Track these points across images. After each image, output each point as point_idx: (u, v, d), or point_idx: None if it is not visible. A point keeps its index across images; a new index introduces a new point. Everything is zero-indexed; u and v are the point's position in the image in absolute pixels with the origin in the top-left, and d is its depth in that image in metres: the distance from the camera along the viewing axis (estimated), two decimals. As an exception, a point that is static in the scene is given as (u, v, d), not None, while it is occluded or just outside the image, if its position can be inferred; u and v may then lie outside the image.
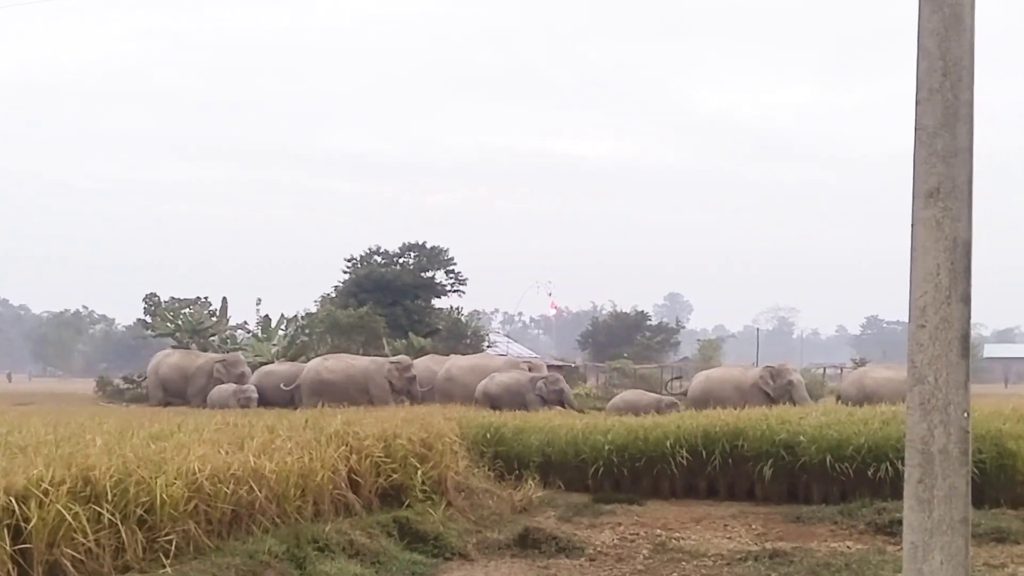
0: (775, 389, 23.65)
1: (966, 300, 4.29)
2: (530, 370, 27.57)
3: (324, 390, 25.08)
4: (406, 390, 26.15)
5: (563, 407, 23.55)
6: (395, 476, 11.25)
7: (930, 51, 4.33)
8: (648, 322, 65.62)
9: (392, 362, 27.21)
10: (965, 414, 4.24)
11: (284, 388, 26.47)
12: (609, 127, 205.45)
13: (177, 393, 28.53)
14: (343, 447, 10.88)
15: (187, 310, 43.48)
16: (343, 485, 10.52)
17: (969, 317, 4.32)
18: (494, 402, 22.75)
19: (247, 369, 28.74)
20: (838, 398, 25.48)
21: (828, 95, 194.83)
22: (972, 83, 4.36)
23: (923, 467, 4.26)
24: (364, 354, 34.12)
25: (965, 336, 4.29)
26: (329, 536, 9.38)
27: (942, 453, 4.23)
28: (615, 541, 11.25)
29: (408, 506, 11.01)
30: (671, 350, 64.74)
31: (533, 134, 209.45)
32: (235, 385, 25.68)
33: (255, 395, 24.27)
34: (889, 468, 12.63)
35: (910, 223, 4.36)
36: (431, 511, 10.95)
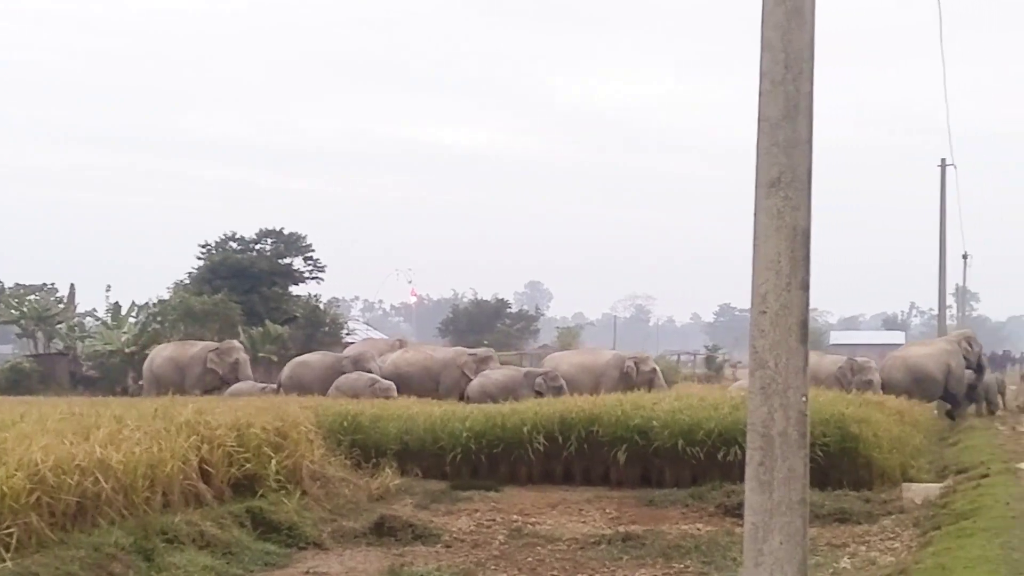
0: (852, 383, 22.36)
1: (805, 287, 4.43)
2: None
3: (402, 383, 23.00)
4: None
5: None
6: (248, 466, 11.05)
7: (772, 43, 4.45)
8: (508, 309, 65.91)
9: (470, 353, 25.40)
10: (804, 398, 4.38)
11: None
12: (471, 115, 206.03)
13: (173, 387, 24.82)
14: (194, 436, 10.63)
15: (32, 296, 41.93)
16: (194, 475, 10.27)
17: (808, 304, 4.46)
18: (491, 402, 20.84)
19: (242, 356, 26.94)
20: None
21: (686, 87, 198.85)
22: (812, 75, 4.49)
23: (764, 450, 4.39)
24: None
25: (804, 322, 4.44)
26: (178, 527, 9.17)
27: (782, 436, 4.36)
28: (472, 527, 11.29)
29: (262, 496, 10.82)
30: (531, 337, 65.14)
31: (394, 120, 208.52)
32: (368, 375, 22.58)
33: (394, 390, 21.41)
34: (738, 451, 12.95)
35: (753, 212, 4.49)
36: (285, 500, 10.79)
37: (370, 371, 23.46)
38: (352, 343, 38.52)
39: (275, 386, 24.08)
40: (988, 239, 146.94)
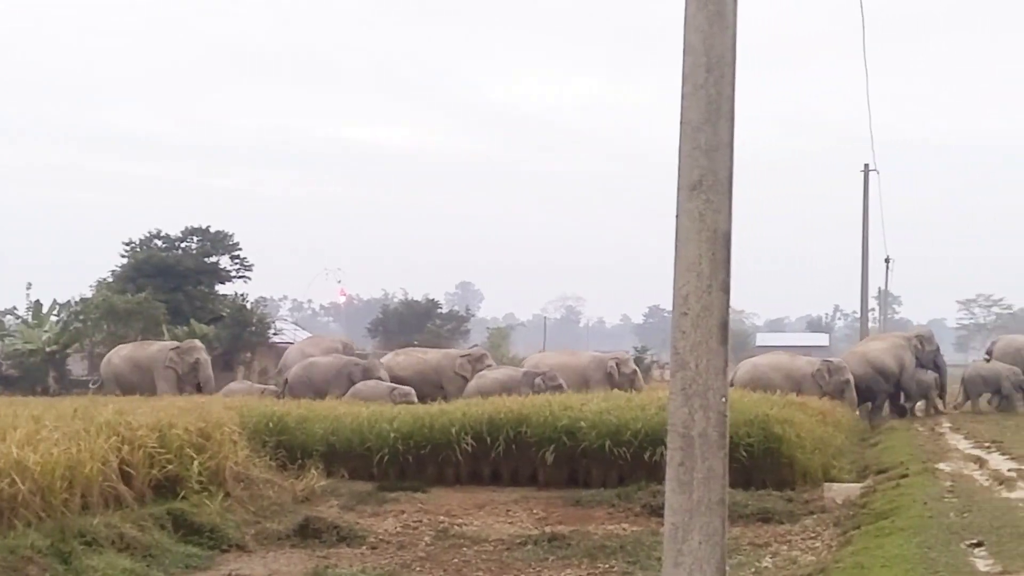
0: (830, 384, 22.72)
1: (726, 289, 4.47)
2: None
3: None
4: None
5: None
6: (170, 467, 10.90)
7: (695, 47, 4.48)
8: (439, 310, 65.71)
9: (463, 355, 25.31)
10: (723, 399, 4.42)
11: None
12: (400, 114, 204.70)
13: (132, 387, 24.98)
14: (114, 437, 10.48)
15: (-50, 295, 40.91)
16: (114, 477, 10.12)
17: (728, 306, 4.50)
18: None
19: (203, 356, 26.56)
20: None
21: (615, 89, 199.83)
22: (734, 79, 4.53)
23: (684, 450, 4.42)
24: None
25: (724, 324, 4.48)
26: (97, 529, 9.03)
27: (702, 437, 4.40)
28: (398, 529, 11.25)
29: (184, 498, 10.69)
30: (461, 338, 65.04)
31: (323, 119, 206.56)
32: (387, 384, 21.83)
33: (414, 395, 20.74)
34: (664, 452, 12.99)
35: (675, 214, 4.52)
36: (208, 502, 10.67)
37: (380, 377, 22.83)
38: (289, 343, 38.11)
39: (273, 387, 23.58)
40: (910, 243, 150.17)
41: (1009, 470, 12.71)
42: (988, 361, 28.06)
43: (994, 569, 7.24)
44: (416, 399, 20.56)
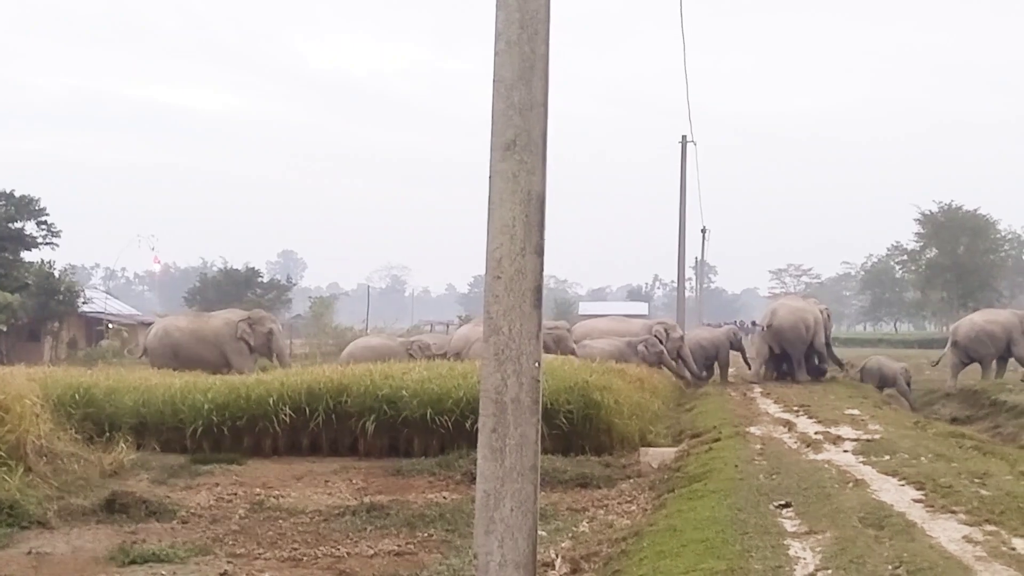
0: (830, 323, 24.92)
1: (539, 252, 4.39)
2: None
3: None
4: None
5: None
6: (-35, 442, 10.30)
7: (508, 2, 4.36)
8: (260, 279, 64.55)
9: (548, 330, 24.06)
10: (536, 364, 4.35)
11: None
12: (218, 79, 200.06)
13: (189, 361, 23.08)
14: (-98, 412, 9.81)
15: None
16: (-99, 453, 9.48)
17: (542, 269, 4.42)
18: None
19: (275, 326, 25.39)
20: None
21: (439, 56, 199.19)
22: (548, 37, 4.44)
23: (496, 416, 4.33)
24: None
25: (538, 288, 4.40)
26: None
27: (514, 402, 4.32)
28: (211, 502, 10.91)
29: (-20, 474, 10.11)
30: (283, 307, 64.08)
31: (136, 81, 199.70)
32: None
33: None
34: (485, 420, 13.06)
35: (489, 176, 4.41)
36: (7, 478, 10.10)
37: (571, 347, 21.85)
38: (100, 312, 36.56)
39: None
40: (725, 215, 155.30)
41: (816, 433, 13.21)
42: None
43: (800, 529, 7.46)
44: None
